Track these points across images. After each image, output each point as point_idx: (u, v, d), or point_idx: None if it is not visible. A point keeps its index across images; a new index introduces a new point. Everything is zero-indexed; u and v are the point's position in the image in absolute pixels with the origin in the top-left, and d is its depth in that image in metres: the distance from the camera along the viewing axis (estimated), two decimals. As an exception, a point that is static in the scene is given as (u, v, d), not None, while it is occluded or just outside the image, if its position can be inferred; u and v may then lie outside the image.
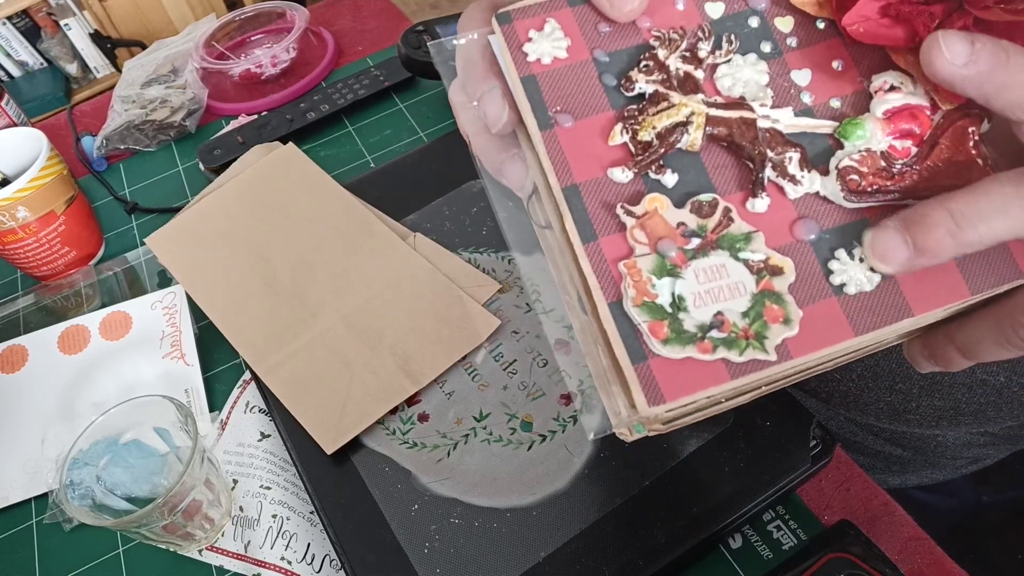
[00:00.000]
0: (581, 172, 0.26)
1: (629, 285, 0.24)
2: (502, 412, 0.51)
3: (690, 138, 0.26)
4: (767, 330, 0.24)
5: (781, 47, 0.27)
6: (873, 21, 0.25)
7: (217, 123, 0.86)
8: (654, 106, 0.26)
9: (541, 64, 0.27)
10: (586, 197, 0.26)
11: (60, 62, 2.36)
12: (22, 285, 0.74)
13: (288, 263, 0.62)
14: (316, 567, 0.49)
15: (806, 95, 0.27)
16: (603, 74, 0.27)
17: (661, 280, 0.25)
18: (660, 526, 0.44)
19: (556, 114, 0.26)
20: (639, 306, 0.24)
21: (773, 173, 0.26)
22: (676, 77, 0.26)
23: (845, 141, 0.26)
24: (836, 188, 0.25)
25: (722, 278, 0.25)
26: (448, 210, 0.64)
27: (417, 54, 0.76)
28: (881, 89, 0.26)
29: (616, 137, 0.26)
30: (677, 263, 0.25)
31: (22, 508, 0.56)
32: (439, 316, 0.56)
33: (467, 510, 0.46)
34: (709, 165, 0.26)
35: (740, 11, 0.27)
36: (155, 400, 0.49)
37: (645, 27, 0.27)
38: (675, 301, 0.24)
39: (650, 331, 0.24)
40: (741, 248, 0.25)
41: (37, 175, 0.65)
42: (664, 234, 0.25)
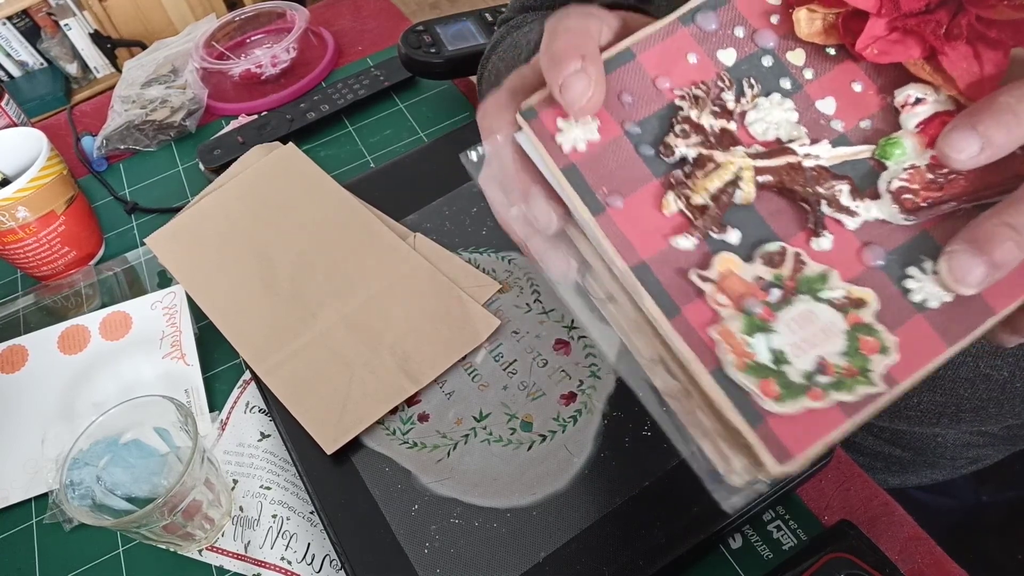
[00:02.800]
0: (645, 248, 0.26)
1: (727, 351, 0.24)
2: (502, 412, 0.51)
3: (743, 193, 0.26)
4: (869, 363, 0.24)
5: (800, 80, 0.27)
6: (884, 40, 0.26)
7: (217, 123, 0.86)
8: (701, 169, 0.26)
9: (577, 152, 0.27)
10: (657, 272, 0.26)
11: (60, 62, 2.36)
12: (22, 285, 0.74)
13: (288, 263, 0.62)
14: (316, 567, 0.49)
15: (836, 123, 0.27)
16: (639, 145, 0.27)
17: (755, 338, 0.25)
18: (660, 526, 0.44)
19: (605, 197, 0.26)
20: (743, 370, 0.24)
21: (829, 209, 0.26)
22: (712, 134, 0.27)
23: (887, 161, 0.26)
24: (893, 210, 0.25)
25: (813, 324, 0.25)
26: (448, 210, 0.64)
27: (417, 54, 0.76)
28: (907, 103, 0.26)
29: (671, 207, 0.26)
30: (765, 318, 0.25)
31: (22, 508, 0.56)
32: (439, 316, 0.56)
33: (467, 510, 0.46)
34: (765, 213, 0.26)
35: (752, 53, 0.27)
36: (155, 400, 0.49)
37: (666, 88, 0.27)
38: (775, 356, 0.24)
39: (761, 391, 0.24)
40: (820, 289, 0.25)
41: (37, 175, 0.65)
42: (744, 292, 0.25)
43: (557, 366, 0.52)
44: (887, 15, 0.25)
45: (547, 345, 0.53)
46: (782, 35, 0.27)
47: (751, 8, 0.28)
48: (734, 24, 0.27)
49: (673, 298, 0.25)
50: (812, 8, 0.27)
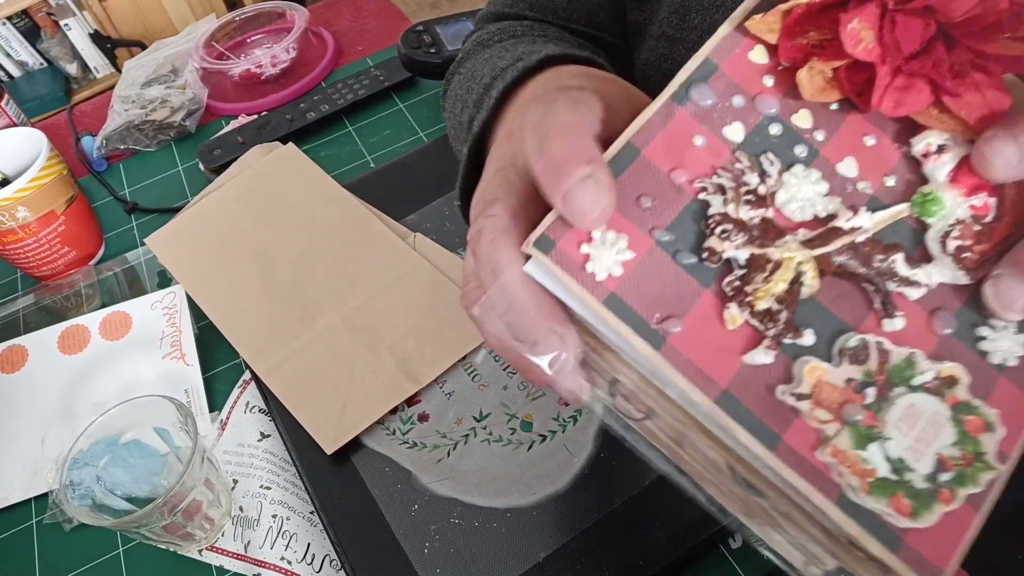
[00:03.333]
0: (721, 374, 0.23)
1: (845, 474, 0.22)
2: (502, 412, 0.51)
3: (809, 288, 0.24)
4: (981, 445, 0.23)
5: (813, 145, 0.25)
6: (894, 89, 0.24)
7: (217, 123, 0.86)
8: (759, 272, 0.24)
9: (613, 278, 0.23)
10: (741, 398, 0.23)
11: (60, 62, 2.36)
12: (22, 285, 0.74)
13: (288, 263, 0.62)
14: (316, 567, 0.49)
15: (863, 184, 0.25)
16: (677, 254, 0.24)
17: (868, 450, 0.23)
18: (660, 526, 0.44)
19: (659, 324, 0.23)
20: (870, 492, 0.22)
21: (892, 284, 0.24)
22: (755, 227, 0.24)
23: (927, 219, 0.25)
24: (955, 271, 0.24)
25: (920, 418, 0.23)
26: (448, 210, 0.64)
27: (417, 54, 0.76)
28: (930, 153, 0.25)
29: (736, 321, 0.24)
30: (871, 424, 0.23)
31: (22, 508, 0.56)
32: (439, 316, 0.56)
33: (467, 510, 0.46)
34: (826, 301, 0.24)
35: (758, 123, 0.26)
36: (155, 400, 0.49)
37: (684, 182, 0.25)
38: (895, 466, 0.23)
39: (895, 511, 0.22)
40: (912, 376, 0.24)
41: (37, 175, 0.65)
42: (841, 399, 0.23)
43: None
44: (891, 62, 0.24)
45: (547, 345, 0.53)
46: (782, 96, 0.26)
47: (741, 72, 0.26)
48: (730, 94, 0.26)
49: (769, 425, 0.23)
50: (811, 66, 0.25)
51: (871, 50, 0.24)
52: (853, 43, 0.24)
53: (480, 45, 0.50)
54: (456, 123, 0.48)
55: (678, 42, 0.46)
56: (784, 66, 0.26)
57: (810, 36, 0.25)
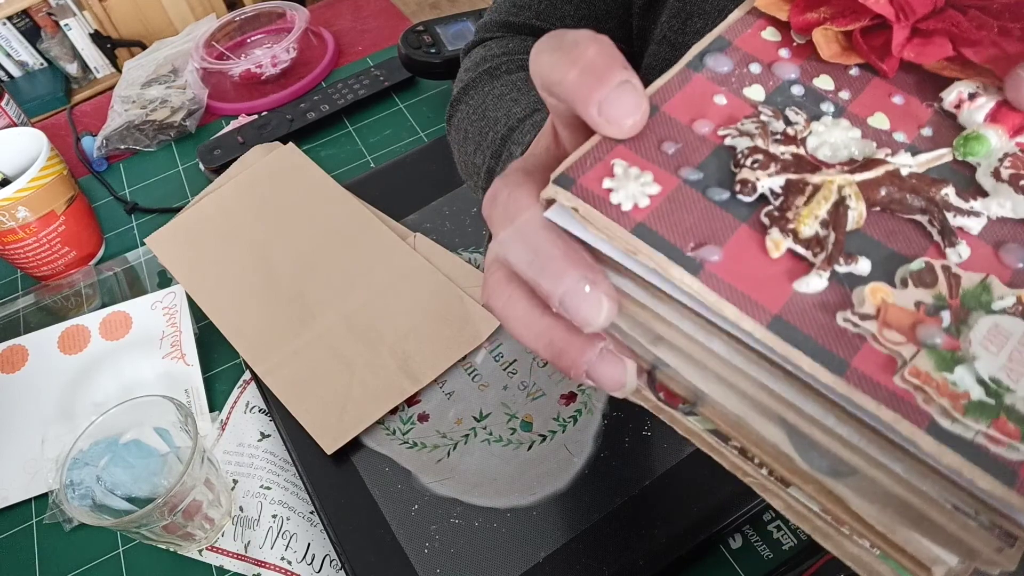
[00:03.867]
0: (772, 301, 0.20)
1: (934, 396, 0.19)
2: (502, 412, 0.51)
3: (856, 212, 0.22)
4: None
5: (840, 103, 0.24)
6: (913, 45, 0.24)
7: (217, 123, 0.86)
8: (799, 195, 0.22)
9: (640, 209, 0.21)
10: (798, 324, 0.20)
11: (60, 62, 2.36)
12: (22, 285, 0.74)
13: (288, 263, 0.62)
14: (316, 567, 0.49)
15: (898, 135, 0.24)
16: (707, 190, 0.22)
17: (956, 373, 0.19)
18: (660, 526, 0.44)
19: (695, 251, 0.21)
20: (966, 413, 0.19)
21: (951, 215, 0.22)
22: (788, 161, 0.23)
23: (974, 158, 0.23)
24: (1015, 197, 0.22)
25: (1009, 339, 0.20)
26: (448, 210, 0.64)
27: (417, 54, 0.76)
28: (962, 101, 0.24)
29: (780, 247, 0.21)
30: (953, 347, 0.20)
31: (22, 508, 0.56)
32: (439, 316, 0.56)
33: (467, 510, 0.46)
34: (879, 236, 0.22)
35: (779, 85, 0.24)
36: (155, 400, 0.49)
37: (706, 131, 0.23)
38: (990, 387, 0.19)
39: (1001, 433, 0.19)
40: (990, 300, 0.21)
41: (37, 175, 0.65)
42: (912, 321, 0.20)
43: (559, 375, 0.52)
44: (904, 20, 0.24)
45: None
46: (800, 63, 0.25)
47: (755, 47, 0.25)
48: (747, 62, 0.24)
49: (833, 351, 0.20)
50: (826, 28, 0.25)
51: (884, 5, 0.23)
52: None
53: (487, 74, 0.50)
54: (467, 160, 0.48)
55: (679, 46, 0.46)
56: (798, 41, 0.25)
57: (821, 11, 0.25)
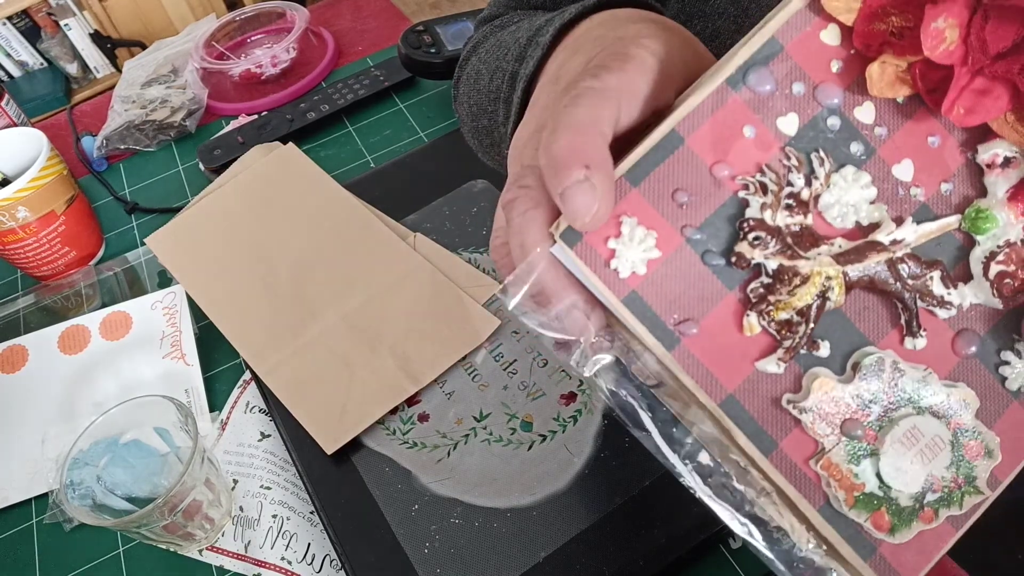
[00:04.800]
0: (729, 379, 0.24)
1: (834, 486, 0.23)
2: (502, 412, 0.51)
3: (833, 303, 0.24)
4: (974, 470, 0.24)
5: (872, 143, 0.24)
6: (969, 92, 0.23)
7: (217, 123, 0.86)
8: (785, 284, 0.24)
9: (637, 276, 0.23)
10: (746, 403, 0.23)
11: (60, 62, 2.36)
12: (22, 285, 0.74)
13: (288, 263, 0.62)
14: (316, 567, 0.49)
15: (916, 191, 0.24)
16: (705, 255, 0.23)
17: (861, 466, 0.23)
18: (660, 526, 0.44)
19: (677, 326, 0.23)
20: (853, 506, 0.23)
21: (922, 302, 0.24)
22: (790, 235, 0.24)
23: (977, 235, 0.24)
24: (989, 295, 0.24)
25: (919, 440, 0.24)
26: (448, 210, 0.64)
27: (417, 54, 0.76)
28: (994, 164, 0.24)
29: (754, 329, 0.24)
30: (870, 441, 0.24)
31: (22, 508, 0.56)
32: (439, 316, 0.56)
33: (467, 510, 0.46)
34: (851, 314, 0.24)
35: (816, 114, 0.24)
36: (155, 400, 0.49)
37: (725, 176, 0.24)
38: (883, 483, 0.23)
39: (873, 526, 0.23)
40: (921, 397, 0.24)
41: (37, 175, 0.65)
42: (844, 415, 0.24)
43: (557, 366, 0.52)
44: (973, 64, 0.23)
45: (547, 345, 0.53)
46: (847, 86, 0.24)
47: (808, 55, 0.24)
48: (791, 80, 0.24)
49: (768, 432, 0.24)
50: (884, 60, 0.24)
51: (952, 52, 0.23)
52: (934, 44, 0.22)
53: (497, 28, 0.49)
54: (481, 96, 0.46)
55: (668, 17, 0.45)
56: (855, 51, 0.24)
57: (891, 22, 0.23)
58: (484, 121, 0.47)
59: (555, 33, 0.35)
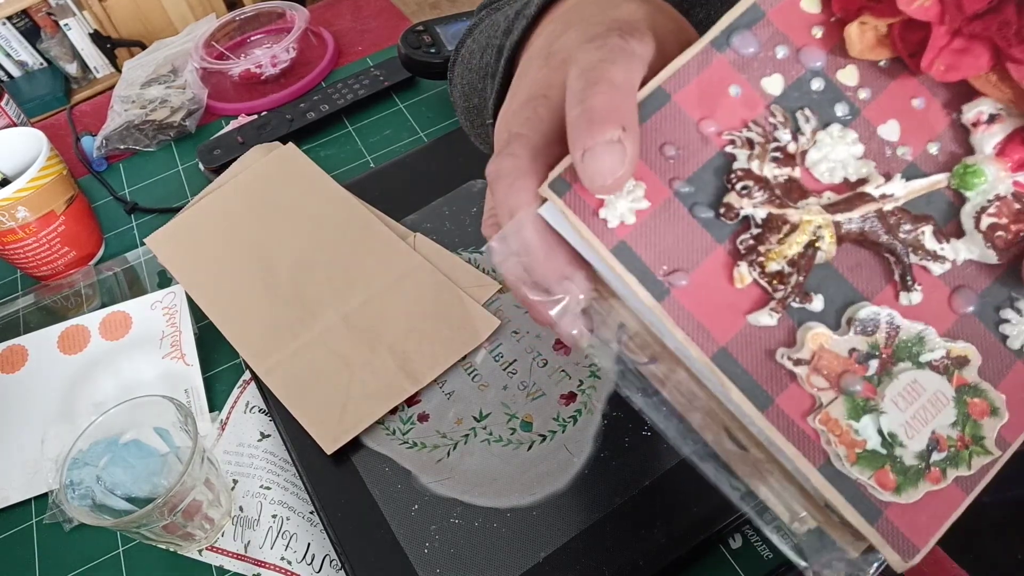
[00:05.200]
0: (721, 332, 0.23)
1: (834, 442, 0.22)
2: (502, 412, 0.51)
3: (825, 253, 0.24)
4: (981, 429, 0.23)
5: (856, 104, 0.24)
6: (948, 51, 0.23)
7: (217, 123, 0.86)
8: (775, 232, 0.23)
9: (626, 226, 0.23)
10: (739, 357, 0.23)
11: (60, 62, 2.36)
12: (22, 285, 0.74)
13: (288, 263, 0.62)
14: (316, 567, 0.49)
15: (903, 150, 0.24)
16: (694, 207, 0.23)
17: (862, 422, 0.23)
18: (660, 526, 0.44)
19: (666, 277, 0.23)
20: (856, 463, 0.22)
21: (915, 256, 0.24)
22: (778, 186, 0.24)
23: (967, 192, 0.24)
24: (984, 249, 0.24)
25: (920, 395, 0.23)
26: (448, 210, 0.64)
27: (417, 54, 0.76)
28: (979, 121, 0.24)
29: (744, 280, 0.23)
30: (868, 396, 0.23)
31: (22, 508, 0.56)
32: (439, 316, 0.56)
33: (467, 510, 0.46)
34: (844, 269, 0.24)
35: (800, 76, 0.24)
36: (155, 400, 0.49)
37: (712, 132, 0.24)
38: (887, 439, 0.23)
39: (878, 484, 0.22)
40: (920, 353, 0.23)
41: (37, 175, 0.65)
42: (841, 368, 0.23)
43: (557, 366, 0.52)
44: (950, 22, 0.23)
45: (547, 345, 0.53)
46: (829, 51, 0.24)
47: (790, 20, 0.24)
48: (775, 43, 0.24)
49: (763, 387, 0.23)
50: (863, 21, 0.24)
51: (928, 8, 0.23)
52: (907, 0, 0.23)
53: (492, 9, 0.49)
54: (472, 74, 0.45)
55: None
56: (837, 18, 0.24)
57: None
58: (475, 100, 0.46)
59: (542, 3, 0.34)
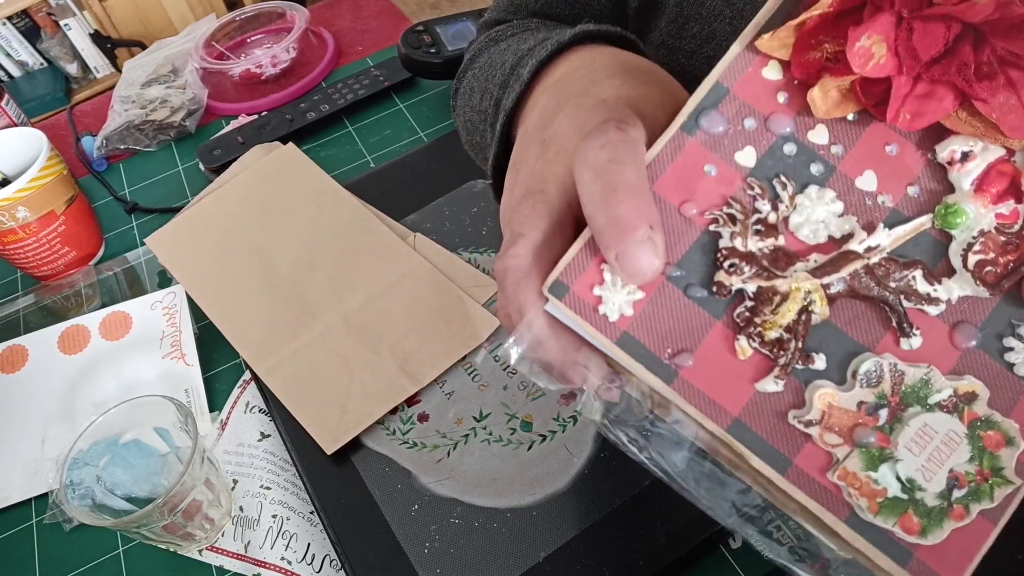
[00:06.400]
0: (733, 403, 0.24)
1: (855, 495, 0.23)
2: (502, 412, 0.51)
3: (818, 316, 0.24)
4: (999, 460, 0.23)
5: (831, 161, 0.25)
6: (912, 98, 0.24)
7: (217, 123, 0.86)
8: (767, 304, 0.24)
9: (625, 318, 0.24)
10: (753, 425, 0.24)
11: (60, 62, 2.36)
12: (22, 285, 0.74)
13: (288, 263, 0.62)
14: (316, 567, 0.49)
15: (883, 198, 0.25)
16: (688, 288, 0.25)
17: (879, 472, 0.23)
18: (660, 526, 0.44)
19: (671, 359, 0.24)
20: (878, 512, 0.23)
21: (909, 302, 0.24)
22: (765, 257, 0.25)
23: (951, 230, 0.24)
24: (974, 285, 0.24)
25: (933, 438, 0.24)
26: (448, 210, 0.64)
27: (417, 54, 0.76)
28: (954, 160, 0.24)
29: (746, 352, 0.24)
30: (883, 445, 0.24)
31: (22, 508, 0.56)
32: (439, 316, 0.56)
33: (467, 510, 0.46)
34: (842, 324, 0.24)
35: (771, 144, 0.25)
36: (155, 400, 0.49)
37: (694, 214, 0.25)
38: (905, 485, 0.23)
39: (904, 530, 0.23)
40: (928, 395, 0.24)
41: (37, 175, 0.65)
42: (852, 423, 0.24)
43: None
44: (908, 71, 0.23)
45: (547, 345, 0.53)
46: (796, 113, 0.25)
47: (754, 91, 0.25)
48: (742, 116, 0.25)
49: (780, 450, 0.24)
50: (824, 83, 0.24)
51: (883, 65, 0.23)
52: (862, 62, 0.23)
53: (492, 41, 0.50)
54: (473, 113, 0.47)
55: (677, 51, 0.46)
56: (799, 82, 0.25)
57: (824, 48, 0.25)
58: (476, 138, 0.48)
59: (532, 72, 0.36)
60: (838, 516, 0.23)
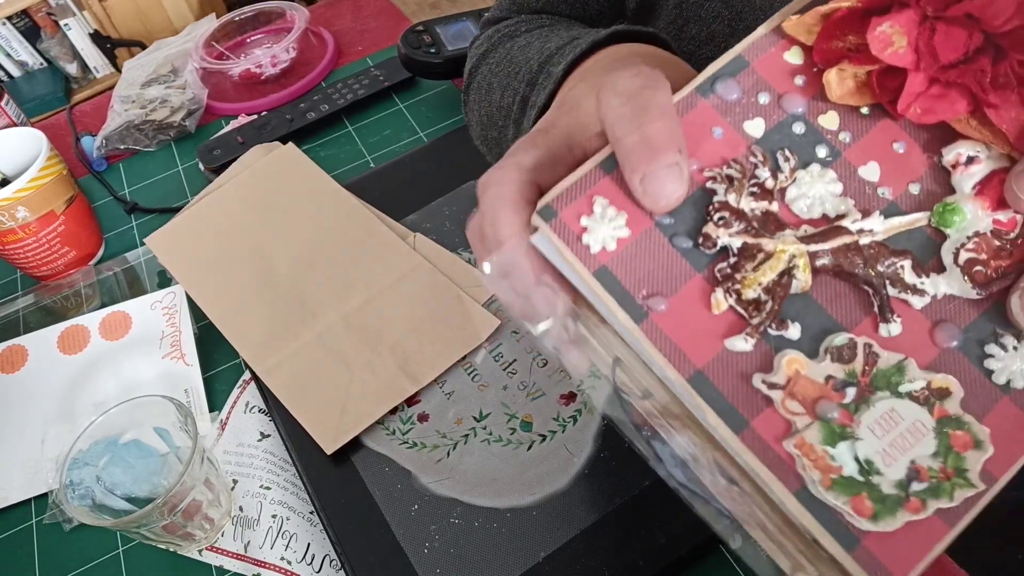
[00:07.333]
0: (698, 355, 0.23)
1: (808, 467, 0.22)
2: (502, 412, 0.51)
3: (800, 282, 0.24)
4: (964, 461, 0.23)
5: (837, 147, 0.25)
6: (926, 96, 0.24)
7: (217, 123, 0.86)
8: (750, 261, 0.24)
9: (607, 252, 0.24)
10: (716, 380, 0.23)
11: (60, 62, 2.36)
12: (22, 285, 0.74)
13: (288, 263, 0.62)
14: (316, 567, 0.49)
15: (883, 190, 0.25)
16: (674, 237, 0.24)
17: (838, 448, 0.23)
18: (660, 526, 0.44)
19: (645, 300, 0.24)
20: (830, 488, 0.22)
21: (894, 289, 0.24)
22: (755, 218, 0.24)
23: (946, 229, 0.24)
24: (963, 284, 0.24)
25: (898, 424, 0.23)
26: (448, 210, 0.64)
27: (417, 54, 0.76)
28: (959, 163, 0.24)
29: (721, 306, 0.24)
30: (845, 423, 0.23)
31: (22, 508, 0.56)
32: (439, 316, 0.56)
33: (467, 510, 0.46)
34: (823, 300, 0.24)
35: (781, 120, 0.25)
36: (155, 400, 0.49)
37: (693, 169, 0.25)
38: (863, 467, 0.23)
39: (854, 511, 0.22)
40: (899, 382, 0.23)
41: (37, 175, 0.65)
42: (817, 395, 0.23)
43: (557, 366, 0.52)
44: (925, 69, 0.24)
45: (547, 345, 0.53)
46: (811, 97, 0.25)
47: (772, 71, 0.25)
48: (757, 90, 0.25)
49: (739, 410, 0.23)
50: (842, 68, 0.25)
51: (902, 56, 0.23)
52: (881, 46, 0.23)
53: (505, 37, 0.50)
54: (492, 109, 0.47)
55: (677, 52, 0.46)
56: (818, 68, 0.25)
57: (848, 40, 0.25)
58: (494, 133, 0.48)
59: (566, 68, 0.36)
60: (789, 487, 0.22)
